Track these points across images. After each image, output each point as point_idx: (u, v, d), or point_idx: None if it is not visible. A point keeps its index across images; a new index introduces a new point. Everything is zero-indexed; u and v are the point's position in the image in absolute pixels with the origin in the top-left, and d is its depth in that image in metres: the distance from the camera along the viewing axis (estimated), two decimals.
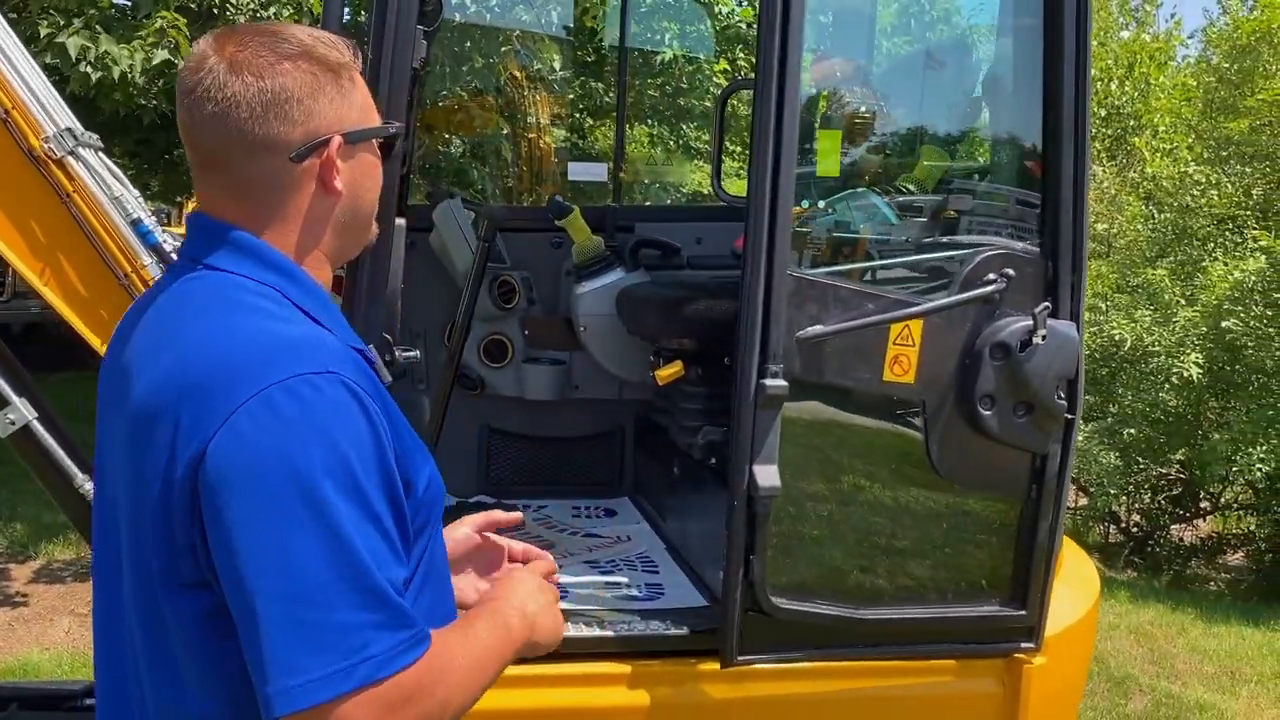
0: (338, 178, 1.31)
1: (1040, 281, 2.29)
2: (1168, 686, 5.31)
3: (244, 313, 1.25)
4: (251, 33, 1.31)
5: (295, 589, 1.12)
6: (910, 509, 2.35)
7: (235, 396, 1.15)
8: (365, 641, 1.12)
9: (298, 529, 1.12)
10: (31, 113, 2.78)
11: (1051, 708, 2.50)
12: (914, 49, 3.60)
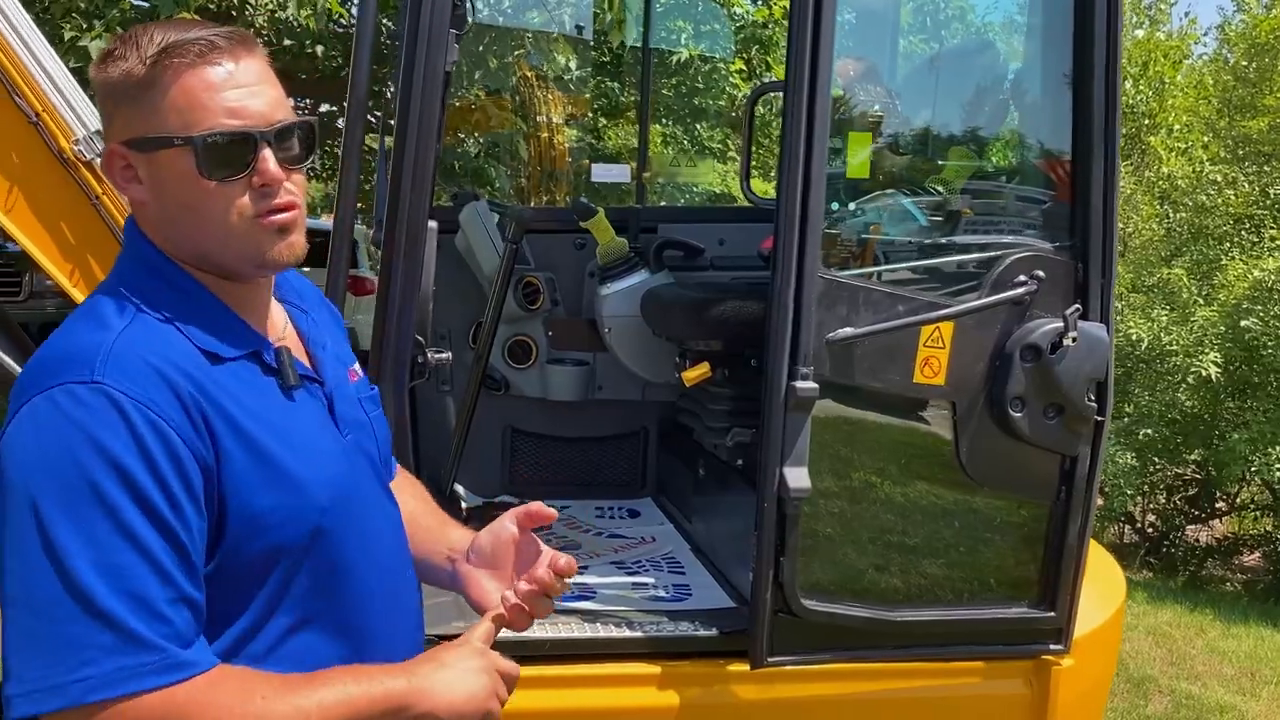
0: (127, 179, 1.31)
1: (1070, 284, 2.29)
2: (1187, 688, 5.29)
3: (81, 316, 1.27)
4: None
5: (27, 598, 1.12)
6: (940, 511, 2.36)
7: (14, 405, 1.18)
8: (85, 660, 1.10)
9: (30, 542, 1.12)
10: (62, 116, 2.80)
11: (1079, 709, 2.50)
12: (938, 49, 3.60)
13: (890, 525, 2.34)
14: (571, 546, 2.86)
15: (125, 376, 1.16)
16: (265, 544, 1.25)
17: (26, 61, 2.77)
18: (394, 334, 2.10)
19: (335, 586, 1.35)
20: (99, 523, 1.12)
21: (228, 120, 1.23)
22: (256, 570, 1.25)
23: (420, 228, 2.08)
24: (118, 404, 1.15)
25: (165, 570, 1.14)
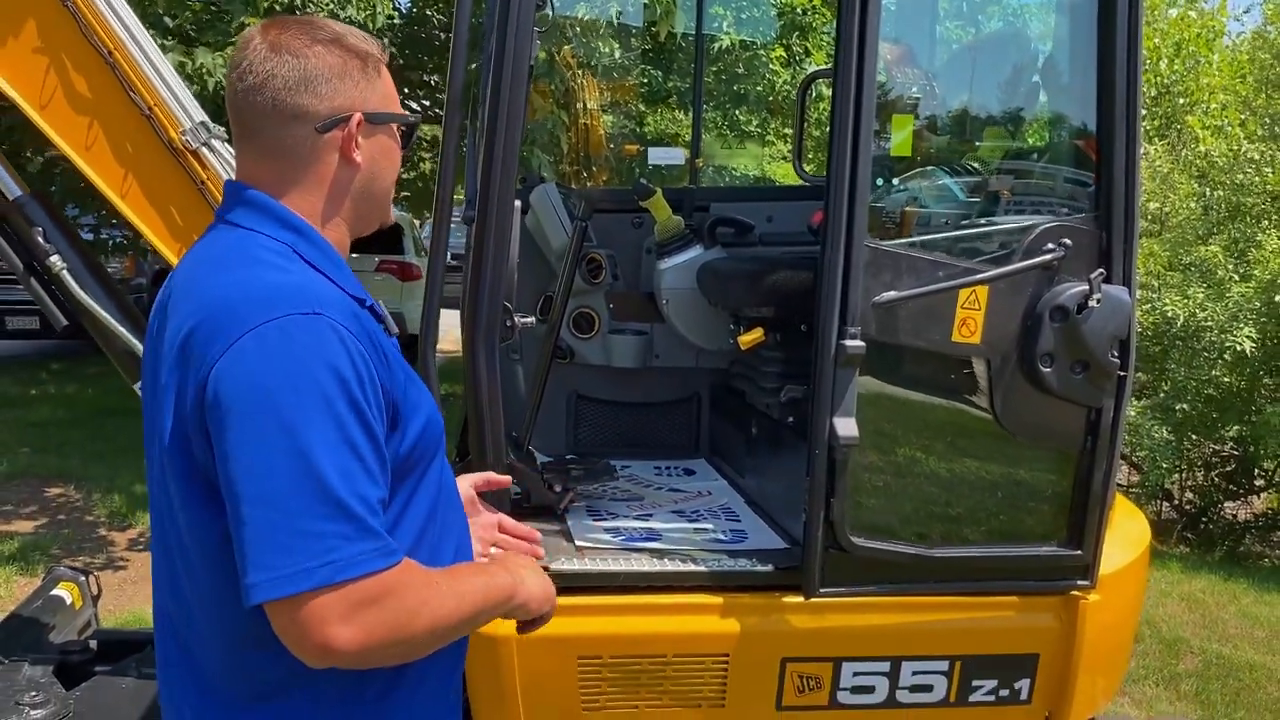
0: (357, 151, 1.54)
1: (1095, 250, 2.50)
2: (1218, 649, 5.48)
3: (253, 265, 1.46)
4: (293, 21, 1.56)
5: (271, 497, 1.31)
6: (976, 458, 2.59)
7: (233, 333, 1.37)
8: (329, 547, 1.31)
9: (274, 445, 1.32)
10: (171, 109, 3.08)
11: (1105, 641, 2.73)
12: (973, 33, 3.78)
13: (930, 471, 2.57)
14: (635, 499, 3.12)
15: (335, 310, 1.41)
16: (416, 456, 1.52)
17: (139, 59, 3.05)
18: (485, 300, 2.36)
19: (442, 505, 1.62)
20: (331, 431, 1.34)
21: (406, 112, 1.60)
22: (399, 479, 1.50)
23: (508, 205, 2.34)
24: (337, 332, 1.38)
25: (374, 473, 1.38)
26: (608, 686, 2.49)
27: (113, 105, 3.05)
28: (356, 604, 1.33)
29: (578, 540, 2.69)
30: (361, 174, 1.56)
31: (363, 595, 1.33)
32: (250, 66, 1.49)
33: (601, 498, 3.07)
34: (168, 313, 1.51)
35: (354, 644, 1.33)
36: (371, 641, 1.34)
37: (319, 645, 1.32)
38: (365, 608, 1.33)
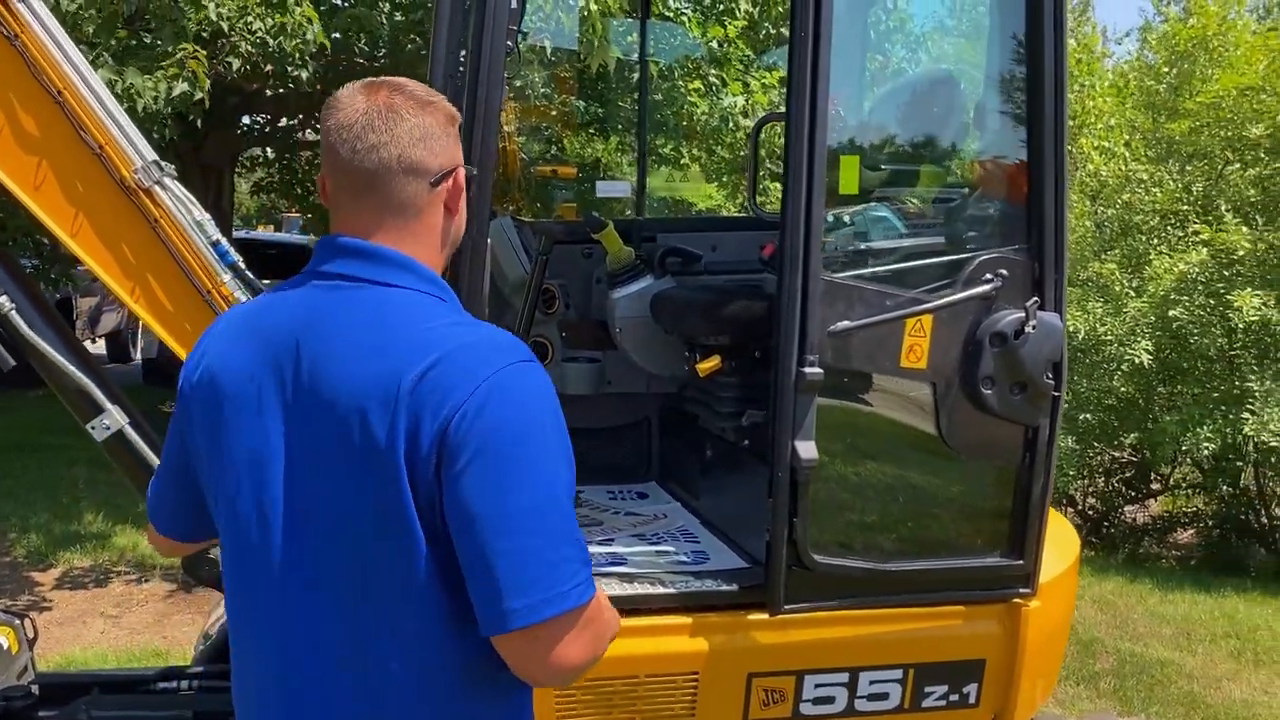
0: (460, 201, 1.65)
1: (1029, 279, 2.69)
2: (1130, 647, 5.78)
3: (438, 318, 1.52)
4: (389, 83, 1.62)
5: (532, 528, 1.42)
6: (925, 476, 2.75)
7: (479, 375, 1.44)
8: (573, 572, 1.45)
9: (535, 479, 1.44)
10: (122, 147, 3.08)
11: (1045, 646, 2.91)
12: (900, 72, 3.97)
13: (883, 489, 2.73)
14: (594, 524, 3.21)
15: None
16: None
17: (88, 98, 3.04)
18: None
19: None
20: (563, 468, 1.49)
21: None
22: None
23: (482, 241, 2.42)
24: (547, 378, 1.56)
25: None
26: (582, 709, 2.57)
27: (62, 144, 3.04)
28: (584, 624, 1.48)
29: None
30: (455, 223, 1.67)
31: (588, 617, 1.48)
32: (371, 126, 1.54)
33: None
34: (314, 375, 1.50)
35: (581, 661, 1.49)
36: (588, 659, 1.51)
37: (557, 664, 1.47)
38: (587, 628, 1.48)
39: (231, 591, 1.63)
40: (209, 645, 3.88)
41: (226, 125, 9.06)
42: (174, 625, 5.46)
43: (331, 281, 1.57)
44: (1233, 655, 5.75)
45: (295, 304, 1.58)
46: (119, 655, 4.98)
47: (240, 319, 1.64)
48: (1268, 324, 8.15)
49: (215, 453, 1.58)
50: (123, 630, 5.39)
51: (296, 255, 12.54)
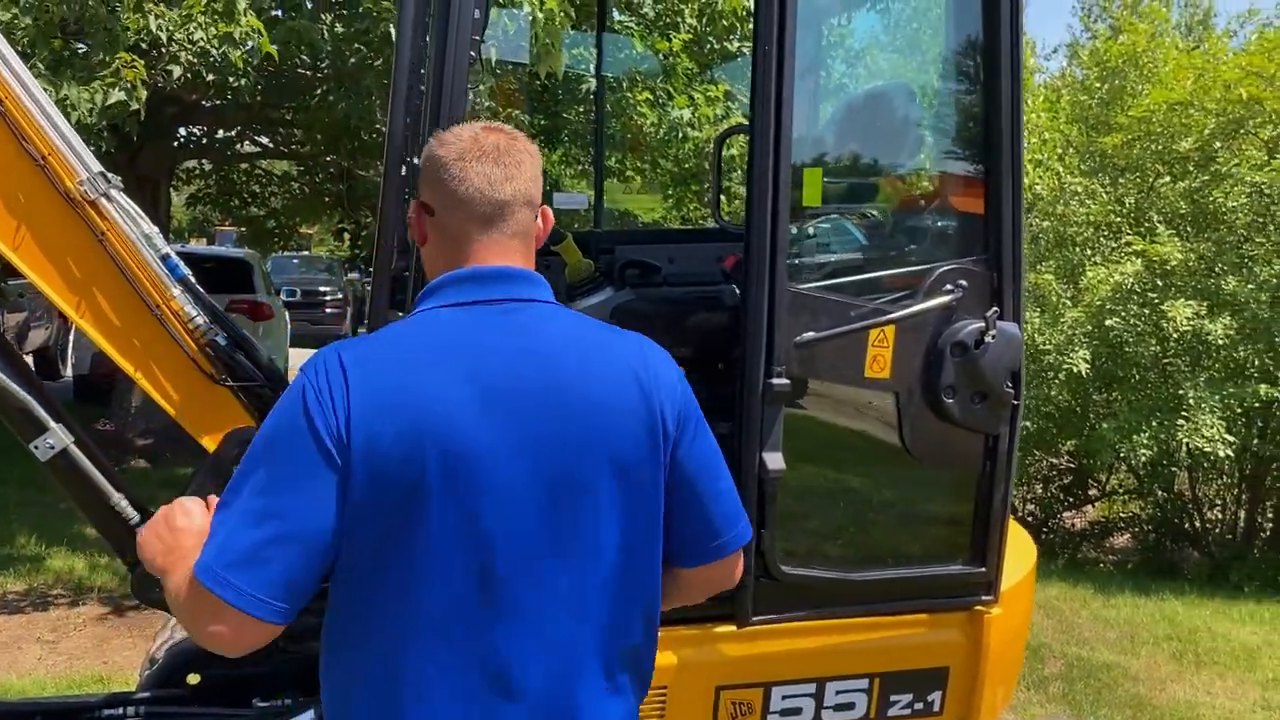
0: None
1: (987, 289, 2.72)
2: (1077, 651, 5.88)
3: (591, 320, 1.79)
4: (500, 127, 1.75)
5: (725, 472, 1.80)
6: (888, 485, 2.77)
7: (663, 359, 1.77)
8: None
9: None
10: (66, 158, 3.00)
11: (1005, 652, 2.94)
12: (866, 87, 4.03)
13: (849, 499, 2.74)
14: None
15: None
16: None
17: (31, 108, 2.96)
18: None
19: None
20: None
21: None
22: None
23: None
24: None
25: None
26: None
27: (3, 155, 2.95)
28: None
29: None
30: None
31: None
32: (501, 162, 1.66)
33: None
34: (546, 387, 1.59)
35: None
36: None
37: (740, 574, 1.87)
38: None
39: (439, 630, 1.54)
40: (156, 670, 3.77)
41: (163, 137, 8.89)
42: (114, 650, 5.31)
43: (503, 305, 1.63)
44: (1175, 657, 5.88)
45: (490, 327, 1.61)
46: (58, 682, 4.83)
47: (422, 349, 1.58)
48: (1199, 333, 8.38)
49: (424, 491, 1.51)
50: (61, 656, 5.22)
51: (233, 269, 12.32)
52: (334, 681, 1.64)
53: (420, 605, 1.53)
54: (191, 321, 3.09)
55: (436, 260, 1.71)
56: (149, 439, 9.44)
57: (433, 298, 1.65)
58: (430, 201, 1.69)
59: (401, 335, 1.63)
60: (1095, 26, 18.14)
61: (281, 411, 1.55)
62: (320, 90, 7.26)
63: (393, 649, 1.55)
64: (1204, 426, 8.04)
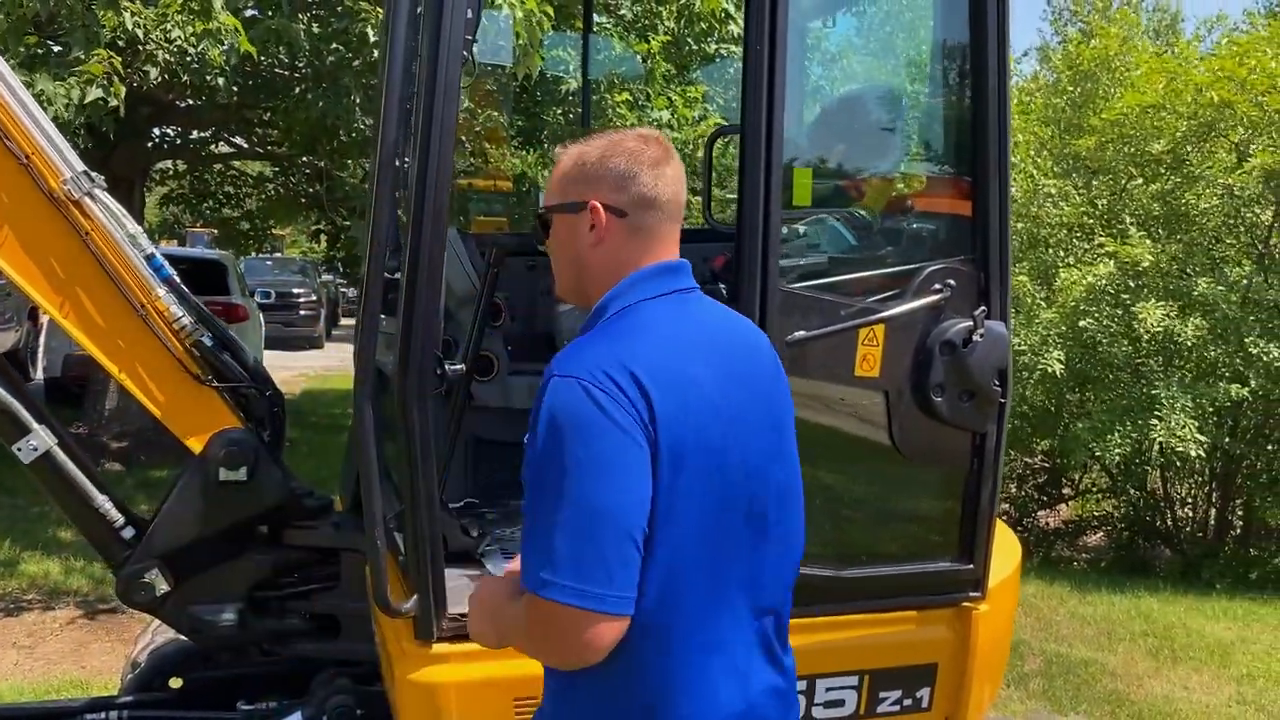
0: None
1: (975, 289, 2.75)
2: (1056, 648, 5.93)
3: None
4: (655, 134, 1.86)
5: None
6: (879, 483, 2.79)
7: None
8: None
9: None
10: (50, 157, 2.97)
11: (993, 649, 2.97)
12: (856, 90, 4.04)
13: (840, 497, 2.75)
14: None
15: None
16: None
17: (15, 107, 2.93)
18: (417, 350, 2.39)
19: None
20: None
21: None
22: None
23: (438, 255, 2.38)
24: None
25: None
26: None
27: None
28: None
29: None
30: None
31: None
32: (677, 168, 1.80)
33: (513, 540, 3.12)
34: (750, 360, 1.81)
35: None
36: None
37: None
38: None
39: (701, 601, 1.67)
40: (138, 673, 3.74)
41: (138, 137, 8.80)
42: (92, 654, 5.25)
43: (687, 293, 1.80)
44: (1151, 653, 5.95)
45: (691, 311, 1.79)
46: (36, 687, 4.76)
47: (679, 341, 1.71)
48: (1170, 333, 8.48)
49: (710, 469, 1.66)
50: (38, 661, 5.16)
51: (207, 271, 12.21)
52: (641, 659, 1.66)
53: (717, 555, 1.68)
54: (177, 322, 3.07)
55: (618, 256, 1.77)
56: (123, 442, 9.35)
57: (635, 290, 1.75)
58: (618, 204, 1.75)
59: (645, 327, 1.72)
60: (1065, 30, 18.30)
61: (570, 422, 1.60)
62: (299, 90, 7.21)
63: (701, 604, 1.67)
64: (1176, 426, 8.13)
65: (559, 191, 1.81)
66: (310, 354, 19.68)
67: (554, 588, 1.54)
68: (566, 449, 1.58)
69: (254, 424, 3.17)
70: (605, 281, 1.77)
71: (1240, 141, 9.25)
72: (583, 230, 1.77)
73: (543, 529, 1.58)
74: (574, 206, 1.77)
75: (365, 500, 2.41)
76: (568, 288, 1.86)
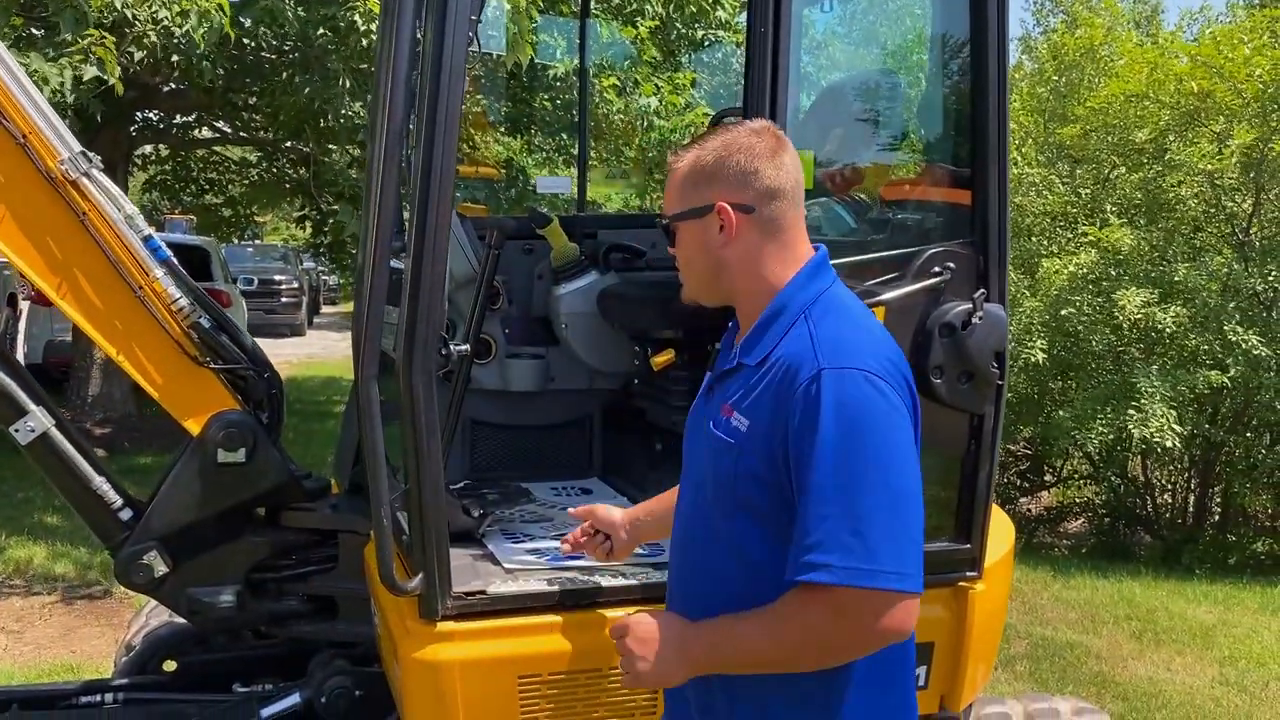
0: None
1: (973, 271, 2.77)
2: (1041, 631, 6.00)
3: None
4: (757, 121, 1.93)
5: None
6: None
7: None
8: None
9: None
10: (47, 137, 2.95)
11: (987, 629, 3.00)
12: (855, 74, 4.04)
13: None
14: (544, 520, 3.19)
15: None
16: None
17: (12, 86, 2.91)
18: (422, 330, 2.39)
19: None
20: None
21: None
22: None
23: (444, 234, 2.38)
24: None
25: None
26: (546, 704, 2.56)
27: None
28: None
29: (505, 564, 2.75)
30: None
31: None
32: None
33: (513, 520, 3.13)
34: None
35: None
36: None
37: None
38: None
39: None
40: (133, 656, 3.74)
41: (122, 121, 8.73)
42: (83, 638, 5.23)
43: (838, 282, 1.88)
44: (1134, 636, 6.02)
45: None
46: (26, 671, 4.75)
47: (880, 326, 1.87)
48: (1150, 320, 8.56)
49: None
50: (27, 646, 5.13)
51: (191, 257, 12.13)
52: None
53: None
54: (175, 303, 3.06)
55: (755, 250, 1.80)
56: (107, 428, 9.30)
57: (817, 280, 1.82)
58: (745, 200, 1.77)
59: (858, 314, 1.84)
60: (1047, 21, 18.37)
61: (864, 412, 1.66)
62: (286, 74, 7.17)
63: None
64: (1153, 417, 8.22)
65: (680, 199, 1.83)
66: (293, 341, 19.60)
67: (879, 575, 1.59)
68: (866, 440, 1.63)
69: (252, 406, 3.16)
70: (751, 276, 1.81)
71: (1221, 132, 9.32)
72: (712, 232, 1.79)
73: (850, 521, 1.60)
74: (700, 211, 1.79)
75: (371, 478, 2.42)
76: (702, 290, 1.88)
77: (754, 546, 1.74)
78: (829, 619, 1.62)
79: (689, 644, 1.73)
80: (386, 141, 2.36)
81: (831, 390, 1.63)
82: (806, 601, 1.62)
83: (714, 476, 1.80)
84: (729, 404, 1.79)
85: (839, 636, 1.64)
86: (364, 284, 2.46)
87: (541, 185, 6.45)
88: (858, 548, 1.59)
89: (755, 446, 1.71)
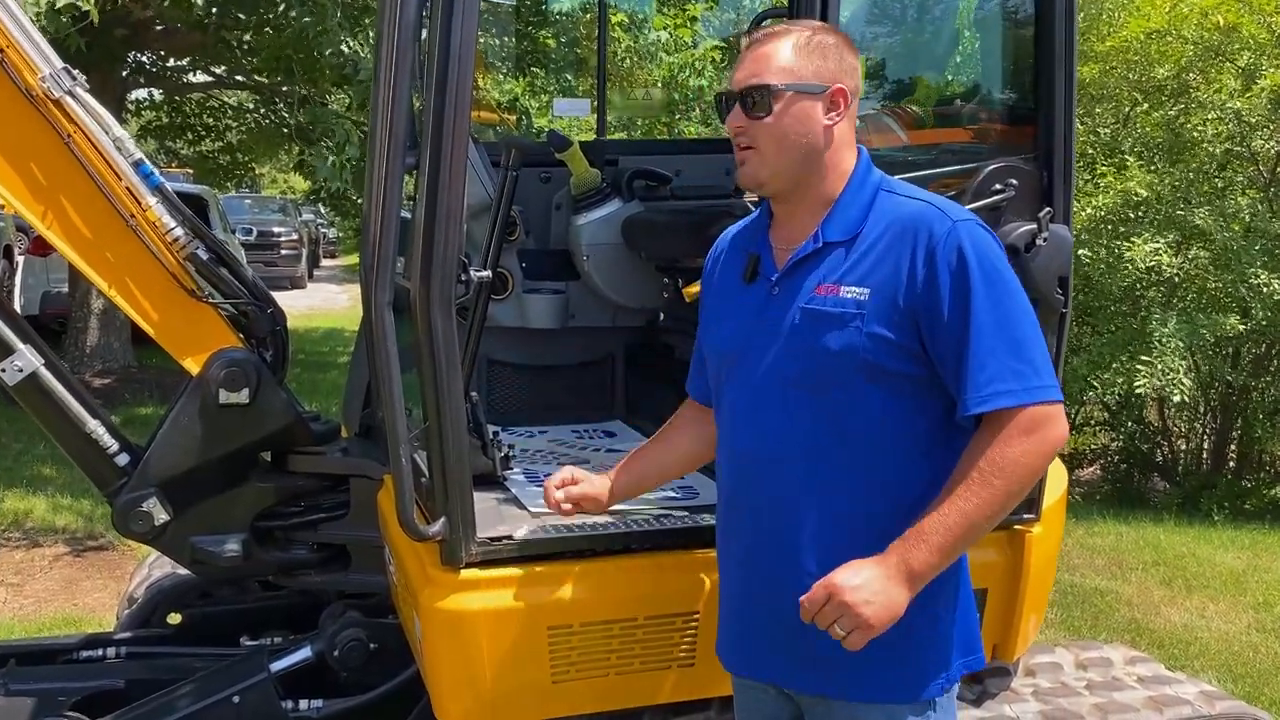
0: None
1: (1037, 190, 2.56)
2: (1069, 578, 5.85)
3: None
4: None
5: None
6: None
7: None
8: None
9: None
10: (26, 51, 2.73)
11: (1042, 575, 2.83)
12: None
13: None
14: (582, 462, 2.99)
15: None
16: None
17: None
18: (440, 255, 2.18)
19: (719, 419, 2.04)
20: None
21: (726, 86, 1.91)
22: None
23: (461, 153, 2.16)
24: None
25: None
26: (577, 656, 2.38)
27: None
28: None
29: (530, 507, 2.56)
30: None
31: None
32: None
33: (535, 463, 2.94)
34: None
35: None
36: None
37: None
38: None
39: None
40: (135, 609, 3.58)
41: (112, 62, 8.43)
42: (84, 591, 5.08)
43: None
44: (1164, 583, 5.88)
45: None
46: (26, 625, 4.59)
47: None
48: (1160, 268, 8.33)
49: None
50: (27, 599, 4.98)
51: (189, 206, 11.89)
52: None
53: None
54: (170, 233, 2.85)
55: (846, 138, 1.89)
56: (106, 379, 9.11)
57: (873, 168, 1.92)
58: (854, 90, 1.87)
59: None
60: None
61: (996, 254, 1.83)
62: (280, 6, 6.87)
63: None
64: (1165, 368, 8.00)
65: (792, 72, 1.81)
66: (293, 294, 19.37)
67: (1049, 390, 1.75)
68: (1005, 276, 1.80)
69: (255, 343, 2.97)
70: (837, 159, 1.87)
71: (1247, 66, 9.02)
72: (818, 114, 1.83)
73: (1014, 349, 1.75)
74: (817, 89, 1.82)
75: (388, 415, 2.22)
76: (782, 165, 1.85)
77: (873, 405, 1.80)
78: (1019, 440, 1.71)
79: (907, 559, 1.72)
80: (398, 37, 2.13)
81: (969, 240, 1.78)
82: (994, 433, 1.72)
83: (819, 351, 1.82)
84: (831, 282, 1.83)
85: (1030, 455, 1.72)
86: (372, 201, 2.24)
87: (559, 108, 6.20)
88: (1027, 370, 1.74)
89: (882, 310, 1.78)
